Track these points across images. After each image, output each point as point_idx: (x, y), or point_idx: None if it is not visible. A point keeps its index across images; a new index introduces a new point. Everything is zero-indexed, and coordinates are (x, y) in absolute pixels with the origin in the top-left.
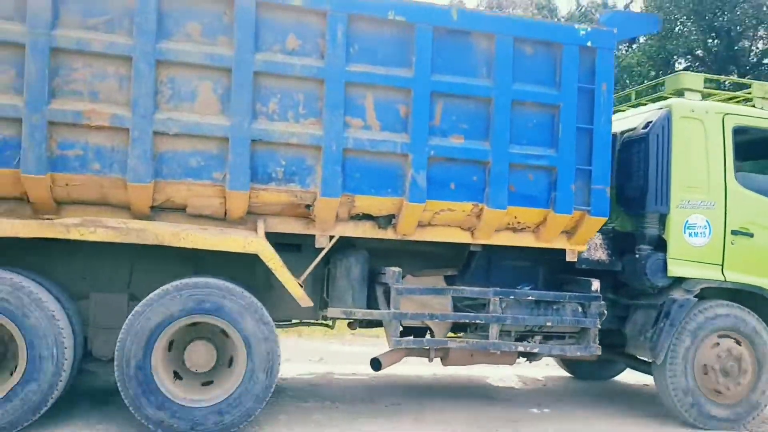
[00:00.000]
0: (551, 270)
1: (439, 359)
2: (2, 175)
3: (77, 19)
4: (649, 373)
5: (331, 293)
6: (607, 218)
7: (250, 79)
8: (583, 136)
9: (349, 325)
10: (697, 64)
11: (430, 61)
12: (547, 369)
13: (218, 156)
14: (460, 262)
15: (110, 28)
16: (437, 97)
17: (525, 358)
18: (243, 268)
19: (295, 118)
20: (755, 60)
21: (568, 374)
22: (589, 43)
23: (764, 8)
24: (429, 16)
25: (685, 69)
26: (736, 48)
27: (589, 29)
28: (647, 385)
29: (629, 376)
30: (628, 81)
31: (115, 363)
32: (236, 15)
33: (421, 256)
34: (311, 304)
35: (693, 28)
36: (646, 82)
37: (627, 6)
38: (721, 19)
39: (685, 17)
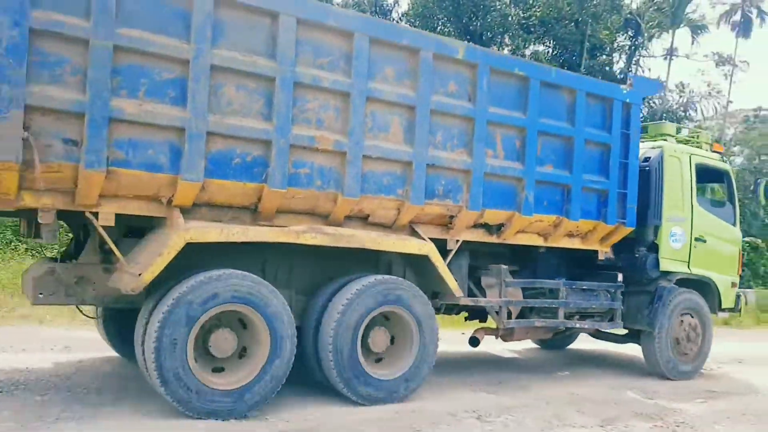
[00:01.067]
0: (569, 266)
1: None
2: (248, 188)
3: (310, 59)
4: (620, 342)
5: None
6: (634, 228)
7: (428, 116)
8: (622, 168)
9: (447, 311)
10: None
11: (538, 107)
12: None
13: (402, 176)
14: (520, 261)
15: (332, 67)
16: (540, 135)
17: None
18: (373, 266)
19: (452, 148)
20: None
21: (536, 346)
22: (627, 100)
23: (509, 18)
24: (538, 72)
25: None
26: None
27: (627, 89)
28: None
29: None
30: None
31: (330, 351)
32: (420, 63)
33: (492, 256)
34: (463, 294)
35: (452, 29)
36: None
37: (395, 2)
38: (475, 23)
39: (445, 18)
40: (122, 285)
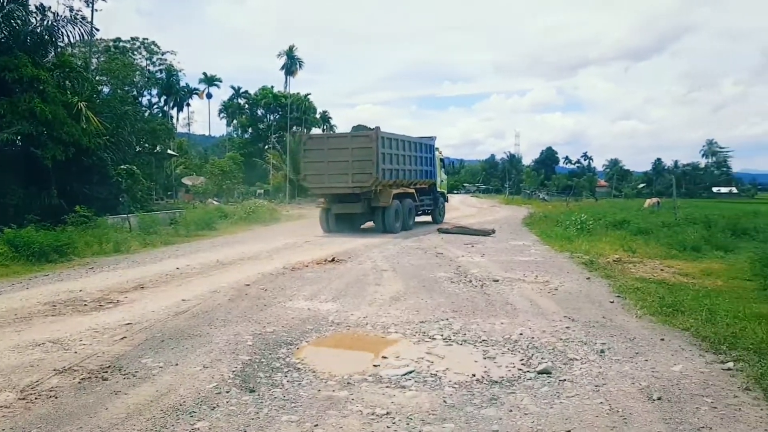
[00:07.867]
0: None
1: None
2: (397, 181)
3: (403, 148)
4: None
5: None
6: (434, 180)
7: (413, 157)
8: (432, 164)
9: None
10: None
11: (417, 151)
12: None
13: (411, 172)
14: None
15: (401, 150)
16: (411, 158)
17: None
18: (407, 196)
19: (414, 164)
20: None
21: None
22: (433, 144)
23: None
24: (422, 140)
25: None
26: None
27: (434, 142)
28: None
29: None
30: None
31: (407, 215)
32: (411, 145)
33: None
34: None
35: None
36: None
37: None
38: None
39: None
40: (381, 204)
